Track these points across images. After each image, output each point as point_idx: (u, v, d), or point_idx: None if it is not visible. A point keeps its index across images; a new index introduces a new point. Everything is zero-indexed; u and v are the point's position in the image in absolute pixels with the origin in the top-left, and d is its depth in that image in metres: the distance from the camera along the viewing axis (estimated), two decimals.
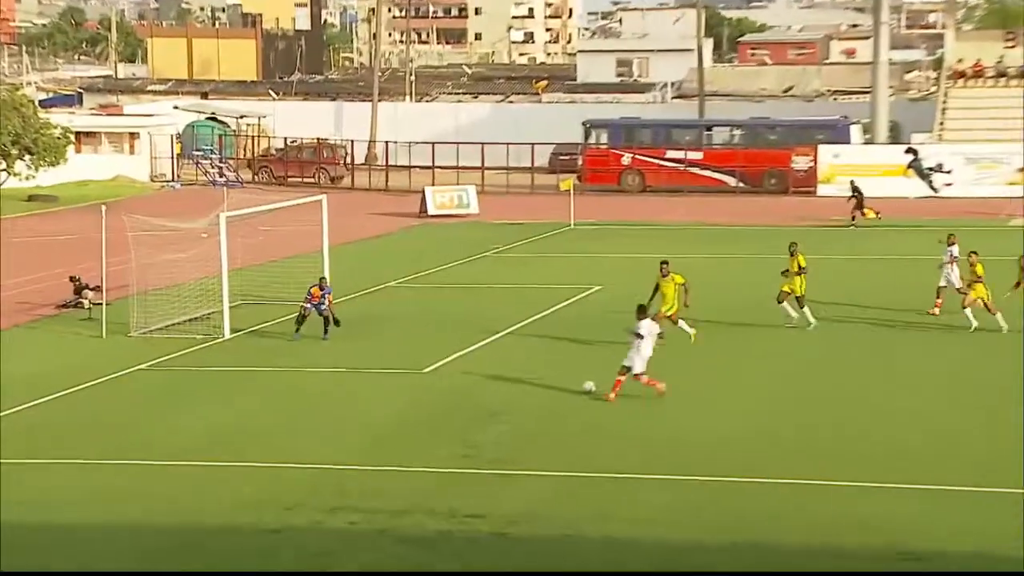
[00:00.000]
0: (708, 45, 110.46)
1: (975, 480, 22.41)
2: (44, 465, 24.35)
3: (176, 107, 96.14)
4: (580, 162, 76.48)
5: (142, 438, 25.94)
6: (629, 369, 27.41)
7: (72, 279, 39.91)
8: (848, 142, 72.80)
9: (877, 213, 57.79)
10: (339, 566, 19.14)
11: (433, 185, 71.22)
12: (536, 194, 73.64)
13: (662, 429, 25.96)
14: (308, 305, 34.95)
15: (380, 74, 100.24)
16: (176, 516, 21.51)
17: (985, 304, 34.21)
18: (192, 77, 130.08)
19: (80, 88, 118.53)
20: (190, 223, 40.26)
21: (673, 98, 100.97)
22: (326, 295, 35.10)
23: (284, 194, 64.70)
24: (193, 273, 38.91)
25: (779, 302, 34.87)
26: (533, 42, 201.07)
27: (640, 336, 27.41)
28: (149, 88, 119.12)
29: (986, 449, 24.29)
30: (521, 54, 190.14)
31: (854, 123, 75.06)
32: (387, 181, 79.90)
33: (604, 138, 76.51)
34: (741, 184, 72.40)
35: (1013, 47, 78.99)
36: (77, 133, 79.80)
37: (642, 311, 28.16)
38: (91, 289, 38.80)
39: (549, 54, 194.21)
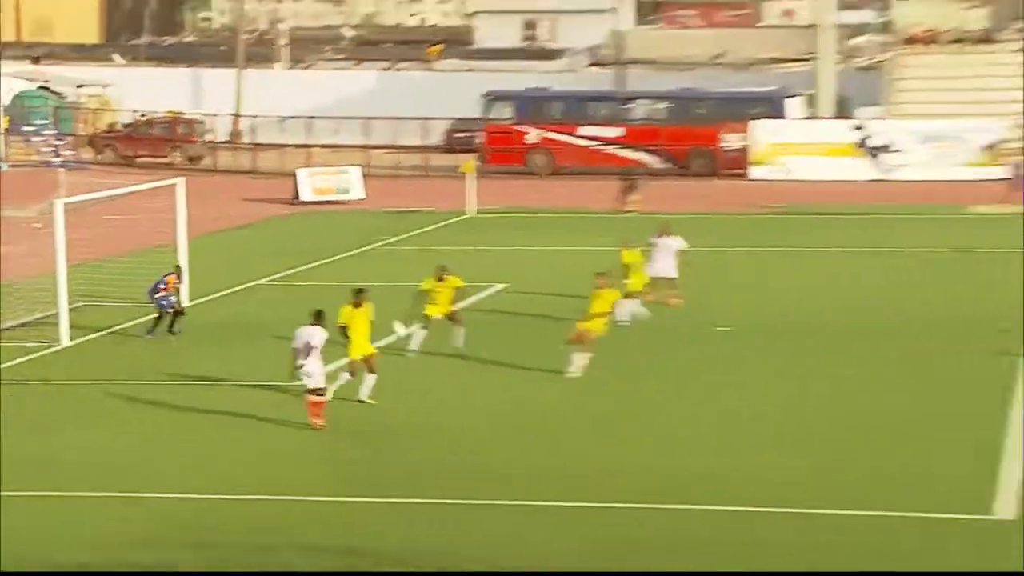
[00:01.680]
0: (628, 5, 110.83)
1: (929, 506, 22.77)
2: None
3: (4, 74, 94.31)
4: (480, 140, 76.43)
5: None
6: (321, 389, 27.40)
7: None
8: (784, 117, 73.38)
9: (637, 209, 57.80)
10: None
11: (309, 167, 70.77)
12: (430, 177, 73.71)
13: (584, 450, 26.04)
14: (168, 298, 35.32)
15: (246, 36, 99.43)
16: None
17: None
18: (21, 39, 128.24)
19: None
20: (19, 211, 39.76)
21: (587, 66, 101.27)
22: (179, 285, 35.80)
23: (133, 177, 63.97)
24: (24, 271, 38.43)
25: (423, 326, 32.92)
26: (423, 1, 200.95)
27: (297, 349, 27.38)
28: None
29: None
30: (411, 15, 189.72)
31: (794, 96, 75.66)
32: (254, 162, 79.37)
33: (508, 112, 76.59)
34: (664, 165, 72.71)
35: (972, 7, 79.95)
36: None
37: (317, 316, 27.78)
38: None
39: (444, 15, 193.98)
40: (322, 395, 27.33)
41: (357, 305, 29.13)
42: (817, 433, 27.21)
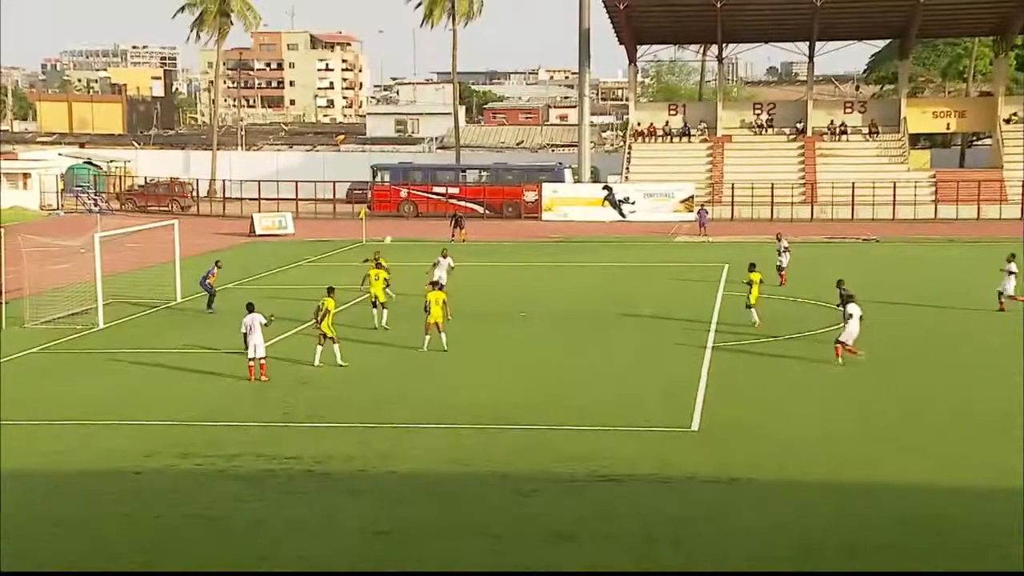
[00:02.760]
0: (462, 111, 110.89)
1: (648, 422, 23.03)
2: None
3: (60, 154, 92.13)
4: (369, 195, 75.94)
5: (31, 404, 24.84)
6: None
7: None
8: (563, 181, 73.95)
9: (464, 239, 57.20)
10: (187, 501, 18.62)
11: (259, 212, 69.96)
12: (337, 219, 73.01)
13: (429, 393, 25.96)
14: (210, 284, 36.32)
15: (218, 129, 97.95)
16: (56, 464, 20.67)
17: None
18: (72, 131, 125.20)
19: None
20: (71, 241, 38.86)
21: (437, 148, 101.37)
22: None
23: (145, 219, 62.75)
24: (74, 279, 37.65)
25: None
26: (333, 107, 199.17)
27: (247, 331, 26.71)
28: (39, 140, 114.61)
29: (658, 400, 24.96)
30: (325, 115, 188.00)
31: (567, 168, 76.31)
32: (224, 209, 78.09)
33: (387, 177, 76.24)
34: (487, 211, 72.89)
35: (675, 115, 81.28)
36: None
37: (249, 307, 27.26)
38: None
39: (345, 115, 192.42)
40: (264, 360, 26.86)
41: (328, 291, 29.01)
42: (572, 375, 27.29)
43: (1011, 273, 35.09)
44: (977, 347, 30.48)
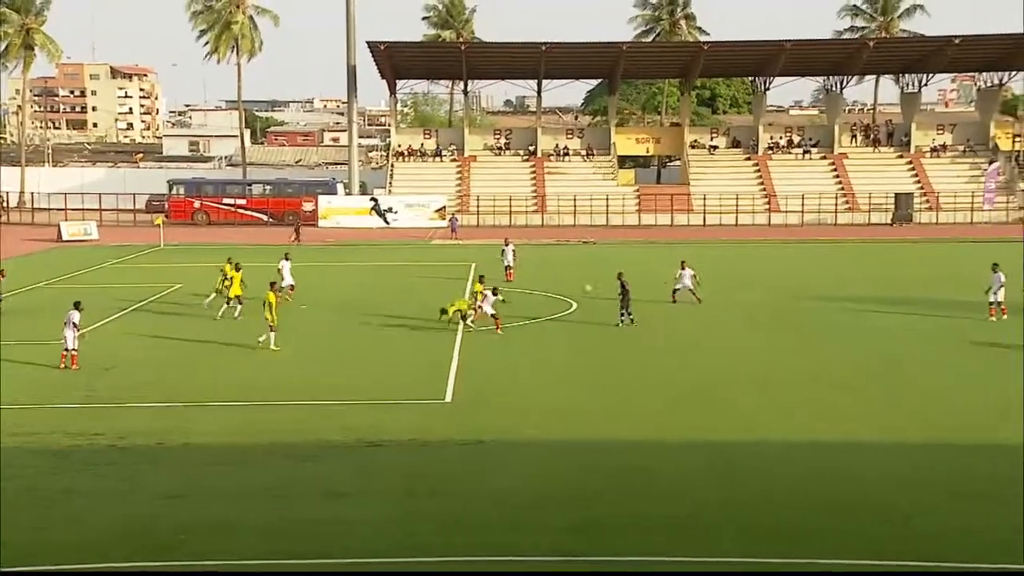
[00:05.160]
0: (247, 133, 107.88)
1: (408, 396, 23.09)
2: None
3: None
4: (167, 206, 72.88)
5: None
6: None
7: None
8: (336, 193, 73.09)
9: (297, 241, 55.81)
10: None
11: (66, 220, 66.05)
12: (138, 227, 69.72)
13: (220, 375, 25.18)
14: None
15: (26, 148, 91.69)
16: None
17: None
18: None
19: None
20: None
21: (227, 165, 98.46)
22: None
23: None
24: None
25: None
26: (133, 129, 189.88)
27: (65, 324, 25.44)
28: None
29: (417, 376, 25.03)
30: (125, 136, 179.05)
31: (339, 182, 75.48)
32: (33, 219, 73.25)
33: (182, 191, 73.40)
34: (271, 219, 71.19)
35: (429, 138, 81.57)
36: None
37: (75, 304, 26.06)
38: None
39: (144, 137, 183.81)
40: (76, 351, 25.45)
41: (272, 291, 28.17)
42: (346, 357, 27.10)
43: (690, 276, 35.80)
44: (688, 328, 31.89)
